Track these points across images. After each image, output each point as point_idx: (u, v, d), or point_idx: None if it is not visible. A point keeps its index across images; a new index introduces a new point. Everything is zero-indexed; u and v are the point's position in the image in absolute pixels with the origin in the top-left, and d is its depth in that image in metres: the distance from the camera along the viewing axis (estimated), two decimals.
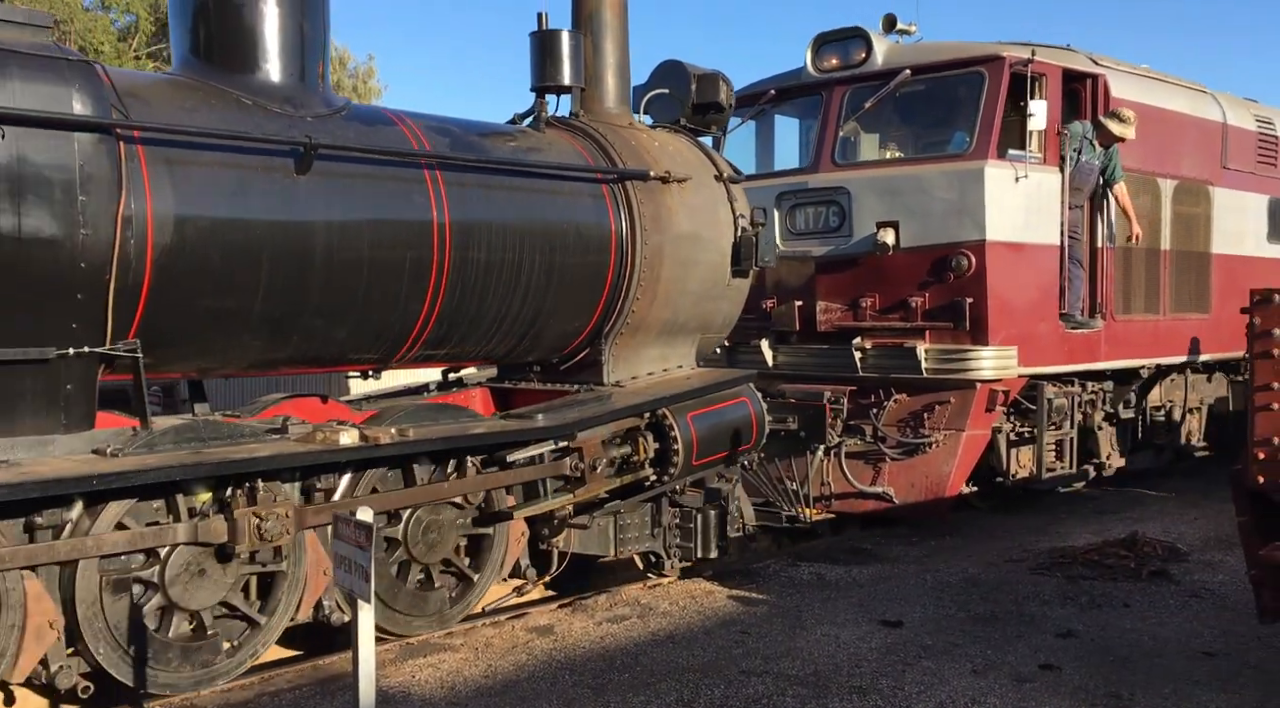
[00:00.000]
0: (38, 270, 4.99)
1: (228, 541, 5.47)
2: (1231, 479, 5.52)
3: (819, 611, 7.11)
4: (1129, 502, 10.89)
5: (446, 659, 6.12)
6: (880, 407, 9.57)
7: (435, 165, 6.53)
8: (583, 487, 6.93)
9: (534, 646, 6.38)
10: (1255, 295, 5.27)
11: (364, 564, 4.22)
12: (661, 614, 7.00)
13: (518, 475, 6.75)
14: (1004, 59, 9.28)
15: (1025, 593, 7.53)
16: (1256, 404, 5.23)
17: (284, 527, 5.57)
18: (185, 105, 5.66)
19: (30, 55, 5.03)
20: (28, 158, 4.93)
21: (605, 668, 5.99)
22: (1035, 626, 6.80)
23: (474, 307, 6.76)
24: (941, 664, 6.06)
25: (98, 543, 5.12)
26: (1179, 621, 6.92)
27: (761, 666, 6.03)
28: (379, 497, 6.17)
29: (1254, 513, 5.45)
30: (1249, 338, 5.27)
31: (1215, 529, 9.37)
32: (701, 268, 7.82)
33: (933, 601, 7.36)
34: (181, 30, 6.13)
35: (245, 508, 5.47)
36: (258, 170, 5.76)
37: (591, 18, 8.04)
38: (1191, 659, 6.17)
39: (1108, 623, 6.85)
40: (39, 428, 5.17)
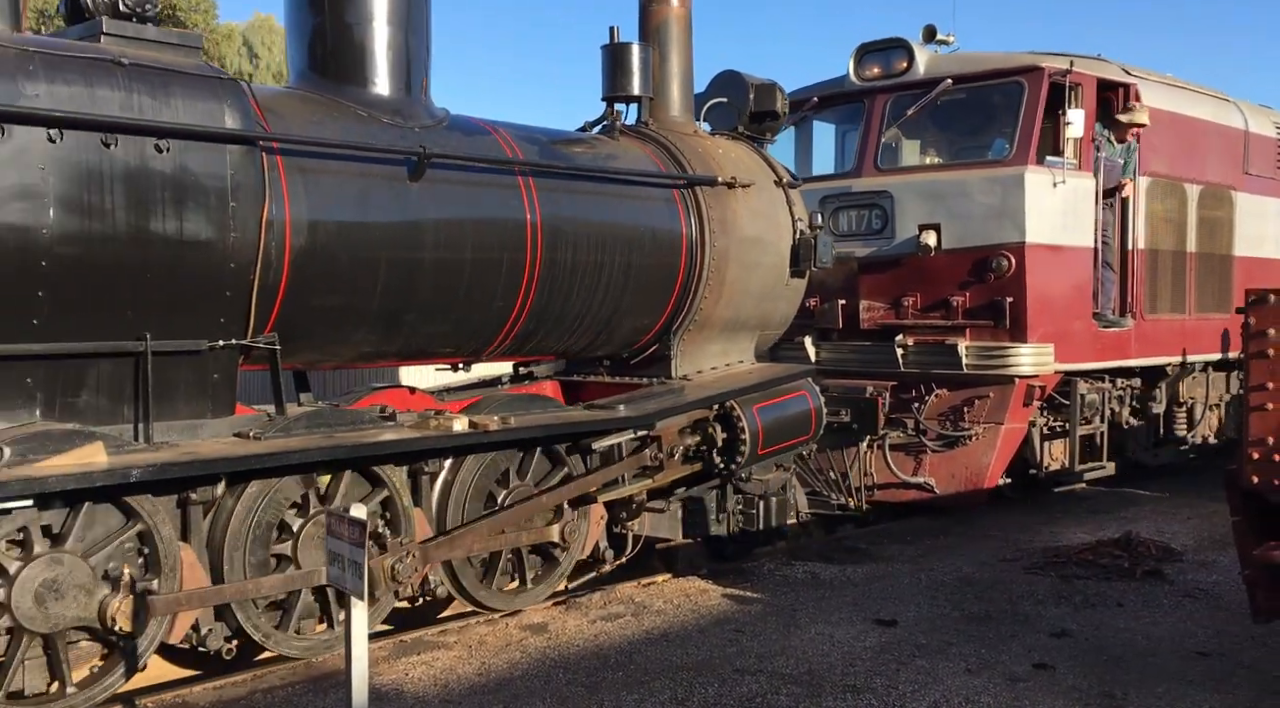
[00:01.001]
0: (195, 270, 5.58)
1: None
2: (1226, 479, 5.57)
3: (813, 609, 7.20)
4: (1123, 501, 11.06)
5: (440, 657, 6.22)
6: (921, 401, 10.19)
7: (528, 172, 7.13)
8: (660, 473, 7.53)
9: (528, 643, 6.47)
10: (1250, 296, 5.33)
11: (358, 561, 4.29)
12: (656, 613, 7.12)
13: (639, 460, 7.46)
14: (1043, 69, 9.90)
15: (1019, 592, 7.64)
16: (1251, 404, 5.29)
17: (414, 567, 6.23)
18: (312, 118, 6.25)
19: (189, 75, 5.62)
20: (188, 168, 5.51)
21: (599, 666, 6.06)
22: (1029, 625, 6.89)
23: (559, 304, 7.36)
24: (936, 663, 6.14)
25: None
26: (1173, 620, 7.01)
27: (755, 664, 6.11)
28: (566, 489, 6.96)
29: (1248, 513, 5.49)
30: (1244, 338, 5.34)
31: (1209, 529, 9.53)
32: (763, 269, 8.42)
33: (927, 600, 7.46)
34: (298, 47, 6.72)
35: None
36: (377, 178, 6.36)
37: (658, 31, 8.64)
38: (1185, 659, 6.25)
39: (1102, 623, 6.94)
40: (190, 413, 5.76)
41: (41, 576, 5.09)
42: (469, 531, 6.60)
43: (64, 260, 5.14)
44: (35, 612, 5.07)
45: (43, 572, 5.09)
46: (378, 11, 6.60)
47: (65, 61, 5.22)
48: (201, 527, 5.73)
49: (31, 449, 4.97)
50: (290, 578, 5.92)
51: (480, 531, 6.64)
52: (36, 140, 5.03)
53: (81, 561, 5.24)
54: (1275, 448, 5.22)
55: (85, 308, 5.28)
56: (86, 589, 5.22)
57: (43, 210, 5.06)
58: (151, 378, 5.49)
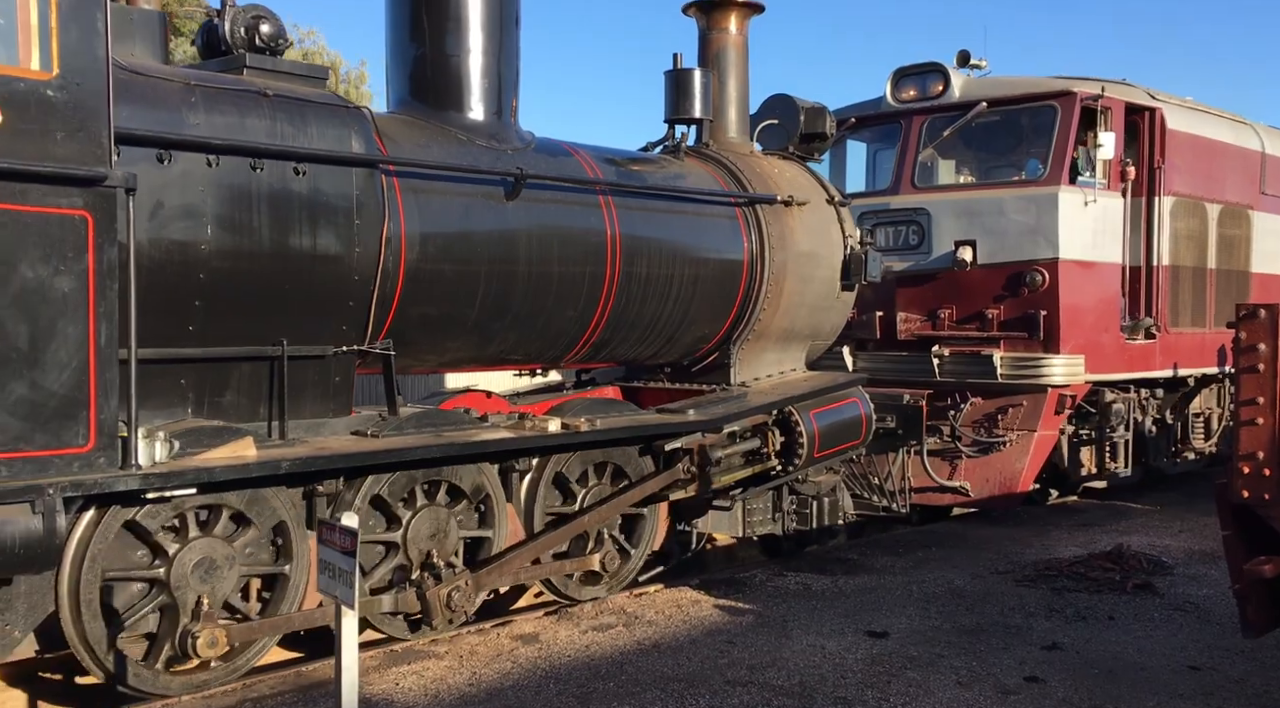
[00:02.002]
0: (325, 282, 6.21)
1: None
2: (1216, 493, 5.60)
3: (805, 621, 7.26)
4: (1114, 514, 11.24)
5: (431, 667, 6.28)
6: (957, 409, 10.84)
7: (608, 191, 7.77)
8: (728, 474, 8.17)
9: (519, 654, 6.52)
10: (1241, 310, 5.38)
11: (349, 570, 4.36)
12: (647, 623, 7.18)
13: (728, 465, 8.12)
14: (1075, 94, 10.59)
15: (1011, 605, 7.72)
16: (1241, 418, 5.33)
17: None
18: (419, 141, 6.89)
19: (321, 104, 6.26)
20: (320, 190, 6.15)
21: (590, 677, 6.11)
22: (1020, 638, 6.95)
23: (633, 314, 7.99)
24: (927, 676, 6.19)
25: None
26: (1163, 634, 7.07)
27: (747, 675, 6.15)
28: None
29: (1238, 527, 5.52)
30: (1235, 352, 5.42)
31: (1200, 543, 9.69)
32: (816, 282, 9.07)
33: (919, 612, 7.53)
34: (399, 75, 7.35)
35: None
36: (477, 197, 7.00)
37: (717, 57, 9.30)
38: (1176, 673, 6.31)
39: (1092, 636, 7.00)
40: (314, 413, 6.38)
41: (196, 558, 5.71)
42: (516, 558, 7.06)
43: (218, 272, 5.77)
44: (190, 592, 5.69)
45: (197, 554, 5.71)
46: (474, 43, 7.24)
47: (220, 94, 5.86)
48: (325, 517, 6.34)
49: (190, 443, 5.58)
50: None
51: (525, 557, 7.11)
52: (197, 165, 5.66)
53: (228, 545, 5.86)
54: (1265, 462, 5.26)
55: (233, 316, 5.90)
56: (233, 571, 5.84)
57: (202, 227, 5.69)
58: (286, 380, 6.11)
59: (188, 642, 5.59)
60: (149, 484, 5.22)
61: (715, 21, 9.30)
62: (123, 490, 5.17)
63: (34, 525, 4.78)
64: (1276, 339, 5.20)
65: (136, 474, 5.14)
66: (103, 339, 4.96)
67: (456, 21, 7.19)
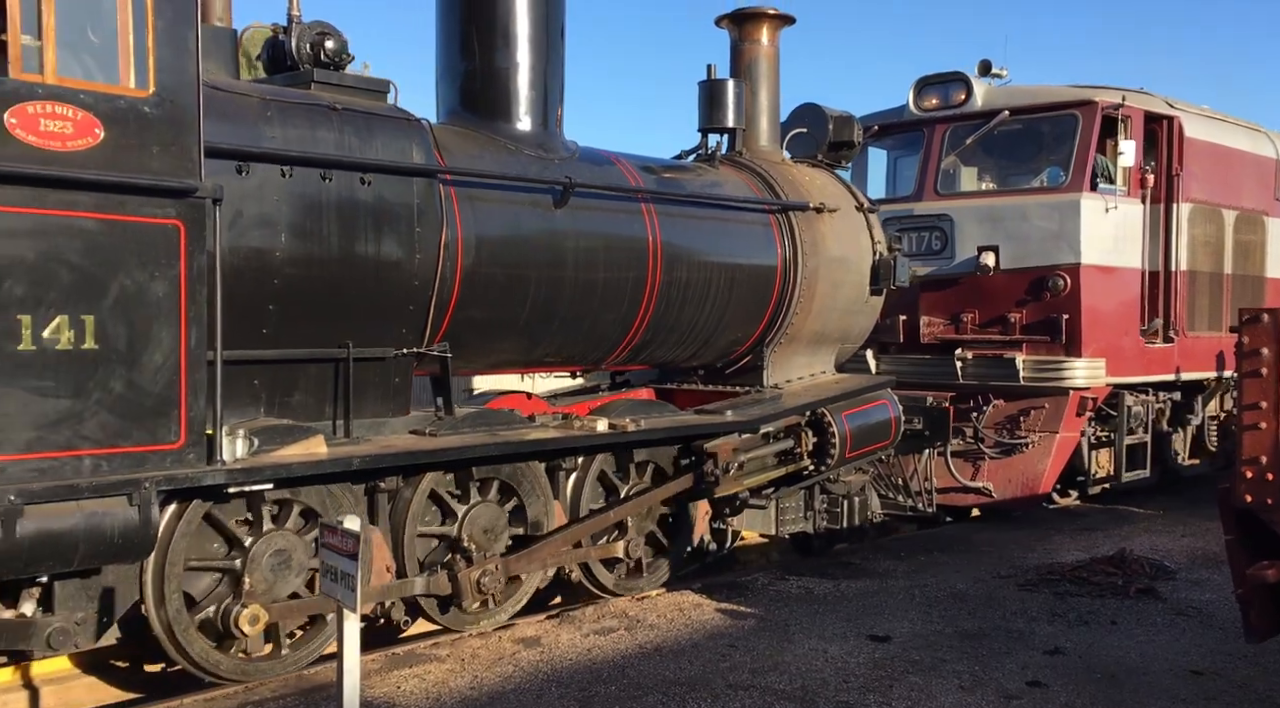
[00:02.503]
0: (387, 286, 6.54)
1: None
2: (1219, 498, 5.61)
3: (807, 624, 7.27)
4: (1117, 519, 11.28)
5: (432, 670, 6.30)
6: (980, 411, 11.16)
7: (649, 199, 8.10)
8: (762, 473, 8.48)
9: (520, 657, 6.55)
10: (1244, 315, 5.40)
11: (350, 573, 4.37)
12: (649, 627, 7.20)
13: (762, 465, 8.50)
14: (1096, 103, 10.91)
15: (1013, 609, 7.74)
16: (1244, 423, 5.35)
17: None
18: (473, 152, 7.22)
19: (385, 118, 6.60)
20: (384, 198, 6.48)
21: (592, 680, 6.13)
22: (1023, 642, 6.97)
23: (673, 318, 8.31)
24: (929, 680, 6.20)
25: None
26: (1166, 639, 7.09)
27: (749, 679, 6.16)
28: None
29: (1241, 531, 5.52)
30: (1237, 357, 5.43)
31: (1203, 547, 9.70)
32: (847, 287, 9.39)
33: (921, 616, 7.54)
34: (450, 87, 7.67)
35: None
36: (527, 205, 7.33)
37: (749, 68, 9.63)
38: (1178, 678, 6.32)
39: (1095, 640, 7.03)
40: (375, 412, 6.70)
41: (271, 549, 6.03)
42: (545, 546, 7.34)
43: (291, 278, 6.09)
44: (265, 581, 6.01)
45: (271, 546, 6.04)
46: (521, 56, 7.57)
47: (293, 108, 6.19)
48: (385, 511, 6.67)
49: (266, 440, 5.90)
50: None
51: (555, 544, 7.40)
52: (273, 176, 6.00)
53: (299, 538, 6.19)
54: (1269, 467, 5.27)
55: (303, 319, 6.22)
56: (302, 563, 6.17)
57: (276, 235, 6.02)
58: (352, 381, 6.44)
59: (229, 619, 5.81)
60: (233, 479, 5.55)
61: (747, 33, 9.63)
62: (209, 485, 5.49)
63: (131, 517, 5.12)
64: (1279, 344, 5.22)
65: (222, 469, 5.48)
66: (193, 341, 5.30)
67: (505, 36, 7.52)
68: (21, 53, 4.79)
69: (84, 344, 4.96)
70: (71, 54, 4.96)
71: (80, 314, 4.95)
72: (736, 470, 8.35)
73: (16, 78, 4.79)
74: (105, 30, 5.08)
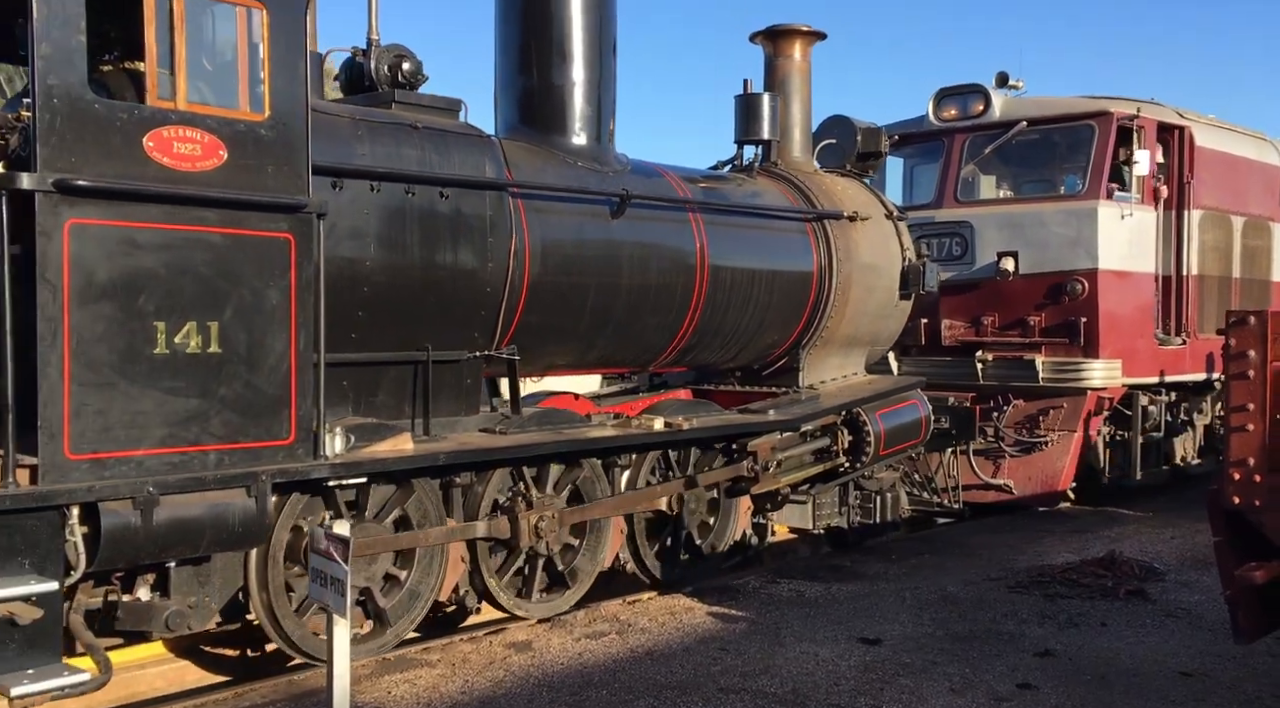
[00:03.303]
0: (463, 293, 7.03)
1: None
2: (1208, 499, 5.66)
3: (798, 628, 7.32)
4: (1107, 521, 11.45)
5: (423, 675, 6.33)
6: (1000, 411, 11.68)
7: (697, 209, 8.60)
8: (800, 470, 8.98)
9: (512, 662, 6.58)
10: (1230, 317, 5.46)
11: (341, 579, 4.41)
12: (640, 631, 7.24)
13: (801, 462, 8.95)
14: (1112, 114, 11.46)
15: (1003, 611, 7.81)
16: (1232, 425, 5.40)
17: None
18: (536, 165, 7.71)
19: (461, 135, 7.10)
20: (461, 211, 6.97)
21: (583, 685, 6.16)
22: (1013, 644, 7.02)
23: (717, 323, 8.80)
24: (920, 683, 6.25)
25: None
26: (1156, 640, 7.15)
27: (740, 683, 6.20)
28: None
29: (1229, 533, 5.57)
30: (1224, 359, 5.50)
31: (1192, 549, 9.79)
32: (878, 292, 9.91)
33: (911, 618, 7.61)
34: (509, 103, 8.15)
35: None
36: (587, 216, 7.82)
37: (783, 82, 10.14)
38: (1168, 679, 6.37)
39: (1085, 642, 7.08)
40: (449, 412, 7.18)
41: (359, 539, 6.51)
42: (598, 504, 7.83)
43: (378, 286, 6.58)
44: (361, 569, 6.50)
45: (359, 536, 6.51)
46: (577, 74, 8.05)
47: (380, 127, 6.68)
48: (459, 505, 7.15)
49: (359, 438, 6.38)
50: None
51: (607, 503, 7.88)
52: (363, 191, 6.49)
53: (379, 526, 6.67)
54: (1256, 469, 5.33)
55: (388, 324, 6.71)
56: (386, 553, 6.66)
57: (366, 246, 6.51)
58: (431, 382, 6.93)
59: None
60: (336, 473, 6.04)
61: (781, 49, 10.14)
62: (314, 478, 5.98)
63: (250, 507, 5.60)
64: (1266, 346, 5.30)
65: (326, 463, 5.96)
66: (301, 345, 5.78)
67: (561, 55, 8.00)
68: (157, 82, 5.27)
69: (210, 348, 5.43)
70: (197, 82, 5.44)
71: (206, 321, 5.42)
72: (775, 467, 8.84)
73: (153, 105, 5.28)
74: (226, 60, 5.57)
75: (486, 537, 7.22)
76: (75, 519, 5.10)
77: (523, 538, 7.25)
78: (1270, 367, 5.29)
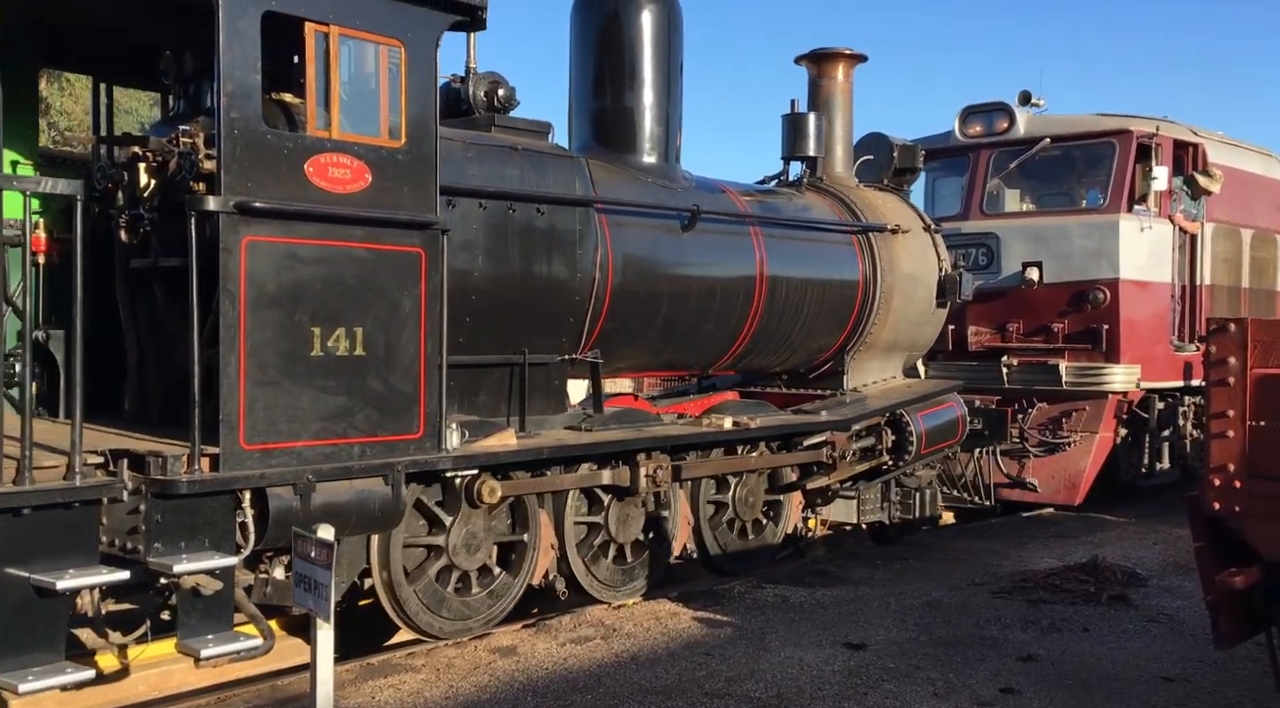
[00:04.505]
0: (555, 301, 7.72)
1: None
2: (1188, 505, 5.70)
3: (783, 633, 7.39)
4: (1090, 526, 11.67)
5: (408, 680, 6.35)
6: (1025, 413, 12.41)
7: (755, 222, 9.30)
8: (835, 472, 9.68)
9: (496, 667, 6.62)
10: (1211, 325, 5.54)
11: (325, 583, 4.46)
12: (625, 636, 7.30)
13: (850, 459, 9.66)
14: (1132, 132, 12.21)
15: (987, 616, 7.89)
16: (1213, 432, 5.44)
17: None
18: (615, 183, 8.39)
19: (554, 156, 7.79)
20: (555, 226, 7.66)
21: (567, 690, 6.19)
22: (996, 649, 7.10)
23: (773, 328, 9.50)
24: (904, 687, 6.31)
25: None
26: (1137, 645, 7.24)
27: (724, 688, 6.26)
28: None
29: (1210, 538, 5.60)
30: (1205, 366, 5.57)
31: (1174, 554, 9.92)
32: (917, 301, 10.62)
33: (896, 623, 7.68)
34: (584, 123, 8.84)
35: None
36: (662, 230, 8.52)
37: (826, 102, 10.85)
38: (1149, 684, 6.44)
39: (1067, 647, 7.17)
40: (539, 411, 7.86)
41: (466, 527, 7.19)
42: (703, 462, 8.67)
43: (484, 294, 7.26)
44: (465, 553, 7.17)
45: (466, 525, 7.20)
46: (648, 97, 8.74)
47: (487, 150, 7.38)
48: (550, 497, 7.83)
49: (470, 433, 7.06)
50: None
51: (710, 464, 8.72)
52: (473, 208, 7.17)
53: (484, 518, 7.34)
54: (1236, 475, 5.37)
55: (491, 330, 7.39)
56: (491, 537, 7.34)
57: (474, 258, 7.19)
58: (527, 383, 7.61)
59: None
60: (456, 465, 6.72)
61: (825, 70, 10.85)
62: (439, 470, 6.66)
63: (387, 494, 6.28)
64: (1246, 353, 5.35)
65: (449, 456, 6.64)
66: (429, 348, 6.47)
67: (633, 79, 8.69)
68: (316, 114, 5.95)
69: (355, 351, 6.12)
70: (347, 113, 6.12)
71: (353, 326, 6.10)
72: (851, 456, 9.59)
73: (312, 134, 5.96)
74: (370, 92, 6.25)
75: (610, 484, 7.94)
76: (247, 502, 5.78)
77: (640, 483, 7.94)
78: (1250, 374, 5.36)
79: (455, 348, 7.18)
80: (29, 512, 4.99)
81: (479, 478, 7.05)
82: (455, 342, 7.17)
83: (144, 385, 6.82)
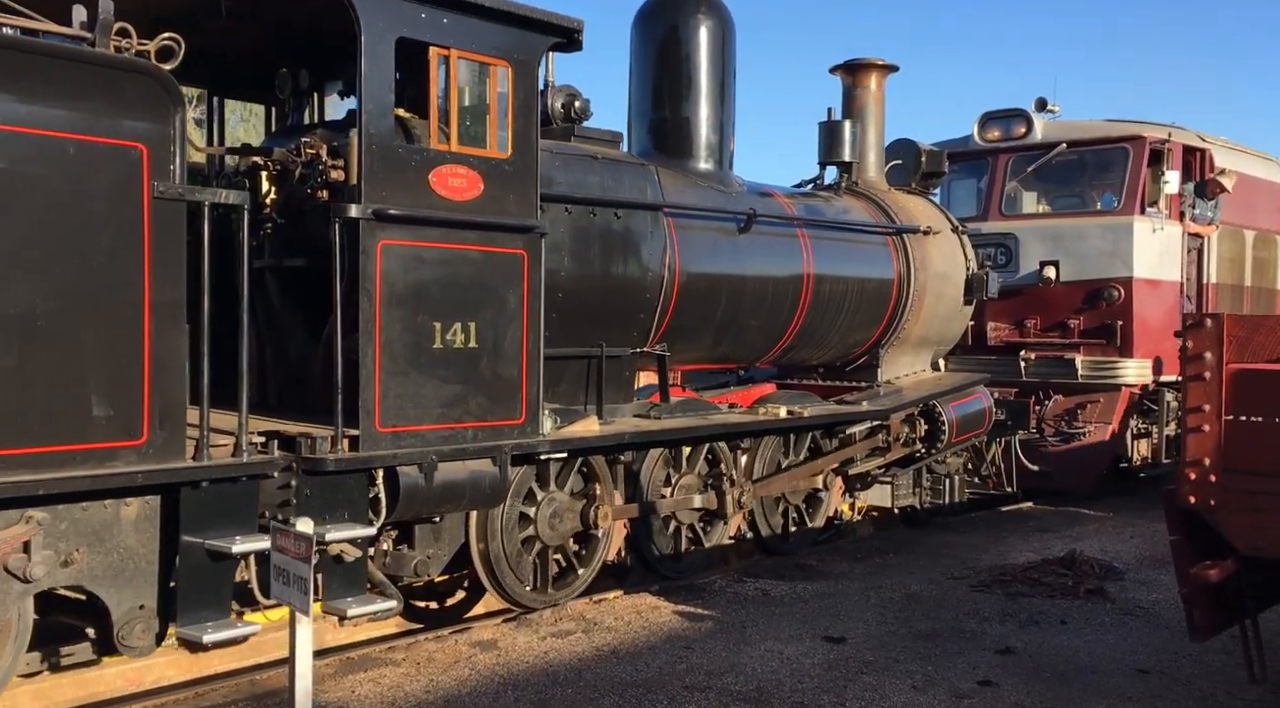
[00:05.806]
0: (628, 298, 8.39)
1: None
2: (1164, 499, 5.79)
3: (763, 626, 7.49)
4: (1068, 520, 11.93)
5: (387, 674, 6.42)
6: (1041, 405, 13.15)
7: (802, 225, 9.99)
8: (889, 453, 10.40)
9: (477, 660, 6.68)
10: (1187, 320, 5.62)
11: (304, 577, 4.47)
12: (606, 629, 7.38)
13: (872, 442, 10.46)
14: (1145, 138, 12.96)
15: (966, 610, 8.01)
16: (1188, 426, 5.52)
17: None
18: (678, 187, 9.07)
19: (629, 164, 8.47)
20: (630, 229, 8.34)
21: (548, 683, 6.27)
22: (975, 642, 7.20)
23: (815, 325, 10.20)
24: (883, 680, 6.41)
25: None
26: (1114, 638, 7.35)
27: (705, 681, 6.34)
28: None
29: (1185, 532, 5.69)
30: (1181, 361, 5.65)
31: (1150, 548, 10.11)
32: (946, 298, 11.34)
33: (875, 617, 7.80)
34: (644, 131, 9.52)
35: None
36: (721, 233, 9.21)
37: (861, 110, 11.55)
38: (1126, 677, 6.54)
39: (1045, 640, 7.27)
40: (612, 400, 8.53)
41: (553, 506, 7.87)
42: (774, 480, 9.47)
43: (569, 292, 7.93)
44: (549, 530, 7.86)
45: (552, 503, 7.88)
46: (704, 107, 9.42)
47: (571, 158, 8.05)
48: (622, 479, 8.52)
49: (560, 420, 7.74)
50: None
51: (781, 481, 9.51)
52: (560, 212, 7.84)
53: (569, 497, 8.03)
54: (1212, 469, 5.46)
55: (573, 325, 8.05)
56: (572, 514, 8.02)
57: (561, 259, 7.86)
58: (604, 374, 8.29)
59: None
60: (554, 448, 7.40)
61: (859, 80, 11.55)
62: (538, 452, 7.33)
63: (495, 474, 6.96)
64: (1222, 348, 5.45)
65: (547, 440, 7.32)
66: (531, 341, 7.14)
67: (689, 88, 9.37)
68: (437, 129, 6.62)
69: (470, 344, 6.78)
70: (463, 127, 6.78)
71: (467, 321, 6.77)
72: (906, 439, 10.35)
73: (434, 147, 6.62)
74: (481, 109, 6.91)
75: (700, 508, 8.78)
76: (380, 480, 6.44)
77: (729, 507, 8.79)
78: (1225, 368, 5.47)
79: (544, 342, 7.88)
80: (206, 485, 5.64)
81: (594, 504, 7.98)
82: (544, 336, 7.87)
83: (263, 376, 7.47)
